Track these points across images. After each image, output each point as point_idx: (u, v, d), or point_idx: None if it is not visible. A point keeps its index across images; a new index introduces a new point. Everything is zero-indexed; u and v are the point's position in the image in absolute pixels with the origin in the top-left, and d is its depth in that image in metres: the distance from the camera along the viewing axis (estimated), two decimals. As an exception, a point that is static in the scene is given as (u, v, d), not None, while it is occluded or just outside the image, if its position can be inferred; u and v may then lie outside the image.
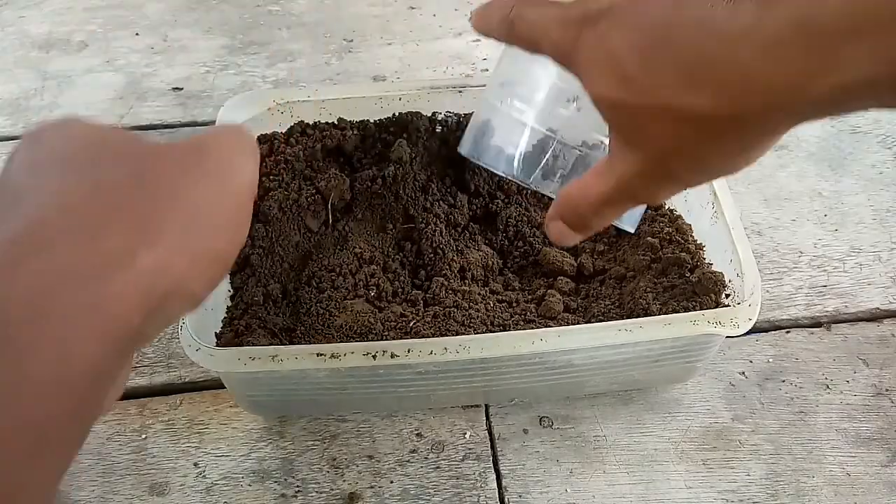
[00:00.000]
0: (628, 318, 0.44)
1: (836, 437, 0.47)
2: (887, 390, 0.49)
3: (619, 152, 0.28)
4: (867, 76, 0.20)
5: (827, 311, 0.53)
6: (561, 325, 0.45)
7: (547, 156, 0.42)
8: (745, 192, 0.61)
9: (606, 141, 0.29)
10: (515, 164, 0.43)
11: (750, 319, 0.40)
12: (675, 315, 0.41)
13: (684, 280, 0.45)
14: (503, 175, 0.44)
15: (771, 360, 0.51)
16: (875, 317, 0.53)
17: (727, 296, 0.44)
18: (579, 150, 0.42)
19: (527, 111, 0.42)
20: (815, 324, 0.53)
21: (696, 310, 0.43)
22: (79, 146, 0.22)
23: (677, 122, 0.24)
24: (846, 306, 0.54)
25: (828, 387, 0.49)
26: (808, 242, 0.58)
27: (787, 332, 0.52)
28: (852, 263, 0.56)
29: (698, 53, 0.22)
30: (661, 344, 0.42)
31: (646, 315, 0.43)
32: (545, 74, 0.41)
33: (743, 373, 0.50)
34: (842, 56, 0.20)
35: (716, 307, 0.43)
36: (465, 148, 0.47)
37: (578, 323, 0.45)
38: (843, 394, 0.49)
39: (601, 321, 0.45)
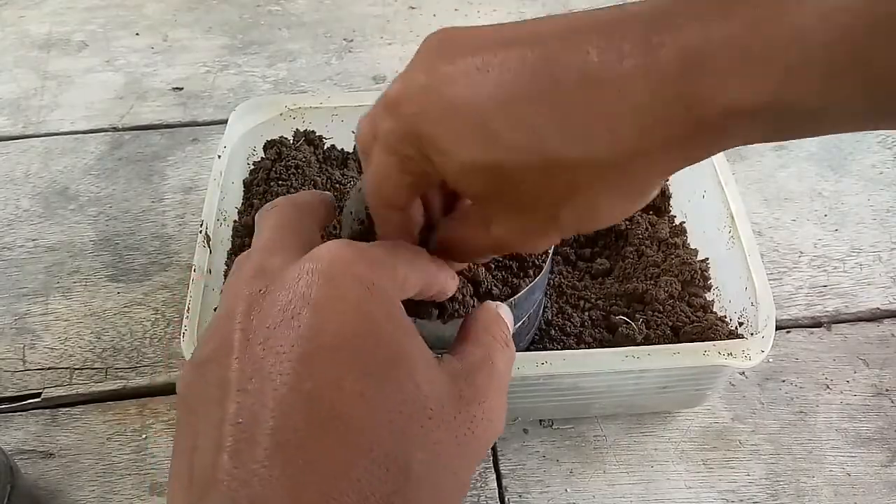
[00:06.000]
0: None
1: (836, 437, 0.47)
2: (887, 390, 0.49)
3: (497, 216, 0.26)
4: (751, 104, 0.20)
5: (827, 311, 0.53)
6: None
7: None
8: (745, 192, 0.61)
9: None
10: None
11: (762, 351, 0.39)
12: (684, 345, 0.40)
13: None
14: None
15: (771, 360, 0.51)
16: (875, 317, 0.53)
17: (741, 324, 0.43)
18: None
19: None
20: (815, 324, 0.53)
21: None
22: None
23: (569, 173, 0.23)
24: (846, 306, 0.54)
25: (828, 387, 0.49)
26: (808, 242, 0.58)
27: (788, 332, 0.52)
28: (852, 263, 0.56)
29: (585, 101, 0.22)
30: (670, 372, 0.41)
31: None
32: None
33: (743, 373, 0.50)
34: (728, 86, 0.20)
35: (728, 337, 0.42)
36: None
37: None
38: (843, 394, 0.49)
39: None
